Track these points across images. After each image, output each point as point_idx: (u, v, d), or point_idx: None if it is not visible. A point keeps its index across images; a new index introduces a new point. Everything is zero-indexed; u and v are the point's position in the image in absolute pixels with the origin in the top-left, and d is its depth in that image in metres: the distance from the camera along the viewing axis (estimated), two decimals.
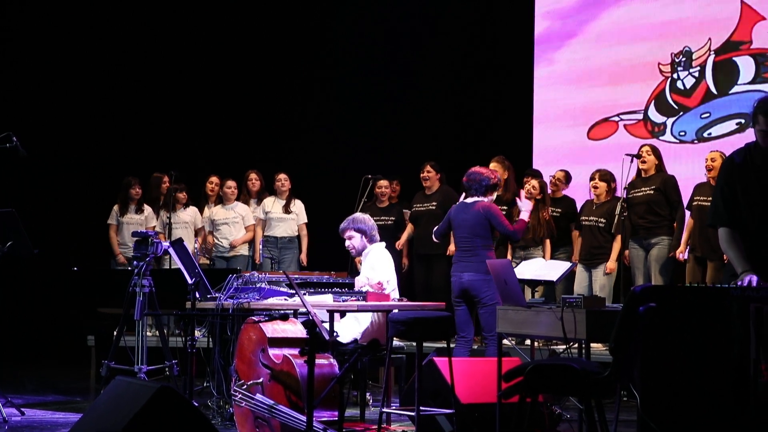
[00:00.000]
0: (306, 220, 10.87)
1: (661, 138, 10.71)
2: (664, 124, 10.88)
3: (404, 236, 10.48)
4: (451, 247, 9.28)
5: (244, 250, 10.84)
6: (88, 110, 12.56)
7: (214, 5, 13.01)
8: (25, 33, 12.53)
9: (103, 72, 12.63)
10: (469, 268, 7.68)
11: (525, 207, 8.00)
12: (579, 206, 9.97)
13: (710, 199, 8.58)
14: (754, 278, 4.62)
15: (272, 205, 10.81)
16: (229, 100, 12.91)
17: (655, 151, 9.47)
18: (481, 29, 12.13)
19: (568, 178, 10.16)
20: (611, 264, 9.30)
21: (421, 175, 10.38)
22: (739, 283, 4.68)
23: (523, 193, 8.28)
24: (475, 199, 7.85)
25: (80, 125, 12.51)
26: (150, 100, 12.71)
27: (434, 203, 10.27)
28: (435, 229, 8.23)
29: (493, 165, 9.64)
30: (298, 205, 10.86)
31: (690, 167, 10.08)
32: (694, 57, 10.76)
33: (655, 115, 10.99)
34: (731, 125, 10.27)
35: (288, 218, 10.78)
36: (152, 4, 12.82)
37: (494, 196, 8.04)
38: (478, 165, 9.84)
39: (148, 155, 12.13)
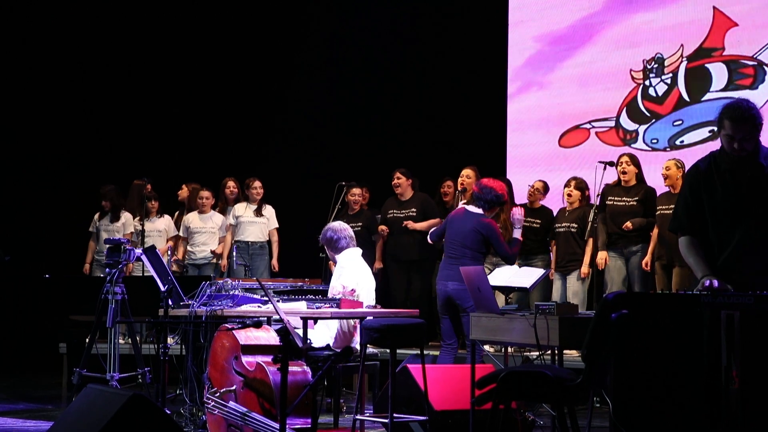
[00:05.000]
0: (277, 225, 10.83)
1: (632, 145, 10.59)
2: (636, 131, 10.78)
3: (383, 227, 10.42)
4: None
5: (217, 259, 10.80)
6: (63, 117, 12.49)
7: (190, 15, 12.96)
8: (5, 34, 12.44)
9: (81, 80, 12.57)
10: (454, 277, 7.65)
11: (517, 225, 8.01)
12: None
13: (671, 206, 8.68)
14: (715, 281, 4.67)
15: (244, 210, 10.77)
16: (203, 107, 12.87)
17: (634, 160, 9.40)
18: (455, 35, 12.13)
19: (546, 188, 10.05)
20: (585, 269, 9.31)
21: (393, 182, 10.37)
22: (699, 287, 4.73)
23: (516, 210, 8.24)
24: (479, 211, 7.84)
25: (54, 132, 12.44)
26: (126, 108, 12.67)
27: (413, 209, 10.25)
28: (432, 231, 8.23)
29: (466, 171, 9.65)
30: (269, 210, 10.81)
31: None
32: (666, 64, 10.65)
33: (627, 123, 10.88)
34: (704, 133, 10.21)
35: (259, 222, 10.73)
36: (128, 16, 12.77)
37: (495, 211, 8.02)
38: (449, 173, 9.85)
39: (123, 163, 12.08)
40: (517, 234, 8.01)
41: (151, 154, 12.33)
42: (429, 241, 8.39)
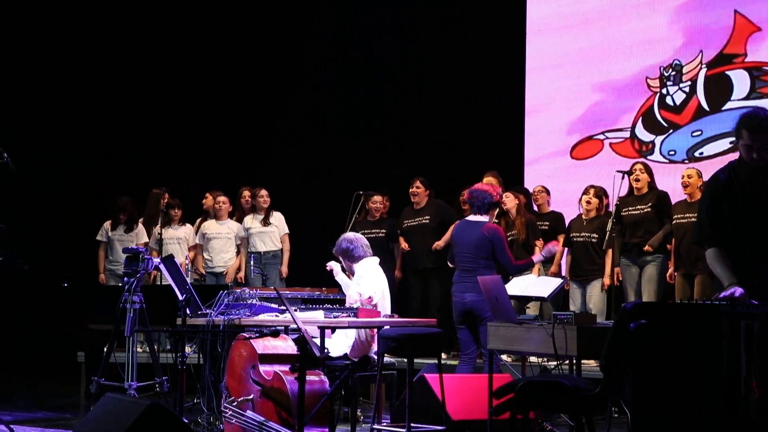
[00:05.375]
0: (287, 231, 10.82)
1: (649, 157, 10.26)
2: (653, 142, 10.46)
3: (404, 245, 10.42)
4: None
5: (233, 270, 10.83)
6: (79, 127, 12.56)
7: (200, 22, 13.01)
8: (16, 47, 12.53)
9: (95, 89, 12.64)
10: (470, 289, 7.63)
11: (546, 253, 8.00)
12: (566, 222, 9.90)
13: (687, 215, 8.61)
14: (738, 290, 4.64)
15: (251, 221, 10.81)
16: (216, 116, 12.91)
17: (648, 169, 9.31)
18: (471, 43, 12.09)
19: (547, 190, 10.11)
20: (607, 280, 9.27)
21: (410, 190, 10.36)
22: (723, 294, 4.70)
23: (555, 245, 8.27)
24: (479, 218, 7.82)
25: (71, 141, 12.50)
26: (138, 117, 12.72)
27: (427, 217, 10.25)
28: (448, 256, 8.23)
29: (488, 179, 9.66)
30: (276, 217, 10.81)
31: (680, 188, 9.17)
32: (684, 71, 10.31)
33: (642, 133, 10.55)
34: (724, 144, 9.85)
35: (268, 231, 10.75)
36: (141, 24, 12.83)
37: (495, 212, 8.03)
38: (467, 181, 9.86)
39: (137, 171, 12.13)
40: (537, 258, 8.03)
41: (165, 162, 12.37)
42: (449, 265, 8.37)
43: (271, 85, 12.99)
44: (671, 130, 10.43)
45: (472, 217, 7.92)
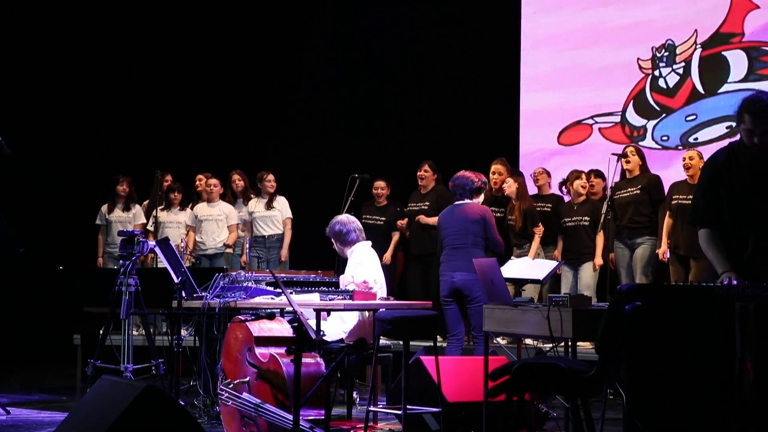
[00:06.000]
0: (290, 215, 10.85)
1: (640, 143, 9.95)
2: (644, 127, 10.20)
3: (401, 222, 10.40)
4: None
5: (229, 249, 10.84)
6: (75, 109, 12.53)
7: (201, 21, 12.97)
8: (12, 31, 12.48)
9: (91, 72, 12.60)
10: (460, 268, 7.67)
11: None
12: None
13: (689, 197, 8.58)
14: (734, 280, 4.65)
15: (255, 205, 10.84)
16: (217, 99, 12.88)
17: (639, 152, 9.27)
18: (471, 43, 11.93)
19: (548, 172, 10.05)
20: (599, 260, 9.29)
21: (418, 173, 10.33)
22: (719, 283, 4.70)
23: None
24: (464, 201, 7.86)
25: (67, 124, 12.48)
26: (136, 99, 12.69)
27: (427, 202, 10.23)
28: (438, 250, 8.24)
29: (495, 167, 9.64)
30: (281, 201, 10.85)
31: (673, 174, 9.16)
32: (678, 51, 10.02)
33: (633, 118, 10.28)
34: (720, 129, 9.59)
35: (271, 214, 10.78)
36: (143, 23, 12.80)
37: (480, 198, 8.03)
38: (464, 167, 9.88)
39: (135, 154, 12.12)
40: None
41: (163, 145, 12.36)
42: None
43: (272, 85, 12.96)
44: (664, 115, 10.18)
45: (460, 202, 7.94)
